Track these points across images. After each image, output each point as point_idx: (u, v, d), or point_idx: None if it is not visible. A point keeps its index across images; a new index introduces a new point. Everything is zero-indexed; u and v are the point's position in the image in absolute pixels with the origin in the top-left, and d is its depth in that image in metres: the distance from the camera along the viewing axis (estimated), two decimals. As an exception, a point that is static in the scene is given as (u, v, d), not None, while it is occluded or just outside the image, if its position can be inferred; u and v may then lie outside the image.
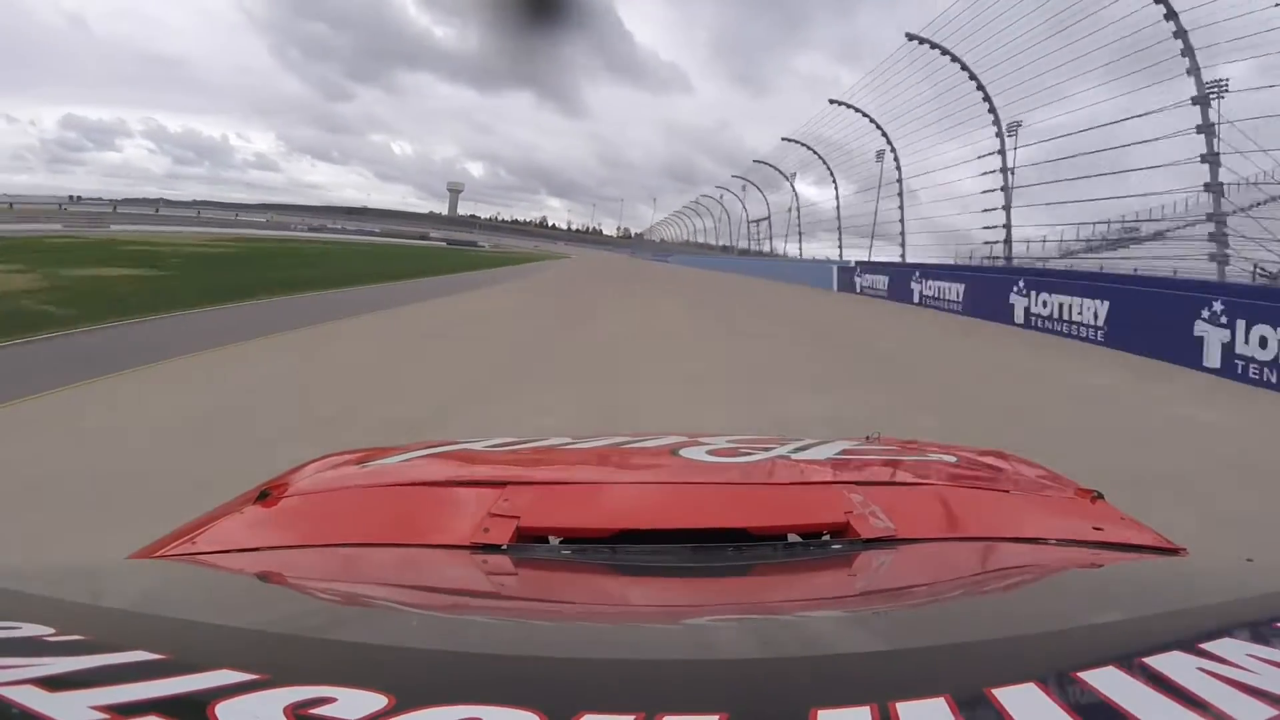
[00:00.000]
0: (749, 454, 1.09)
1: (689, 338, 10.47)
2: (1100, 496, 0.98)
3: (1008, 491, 1.01)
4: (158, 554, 0.77)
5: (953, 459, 1.15)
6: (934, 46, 16.77)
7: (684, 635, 0.54)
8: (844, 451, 1.14)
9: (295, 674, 0.38)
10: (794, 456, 1.10)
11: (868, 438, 1.29)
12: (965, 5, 15.14)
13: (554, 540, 0.79)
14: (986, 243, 17.23)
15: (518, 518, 0.79)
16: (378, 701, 0.35)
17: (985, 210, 16.92)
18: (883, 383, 7.11)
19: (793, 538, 0.80)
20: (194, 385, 5.88)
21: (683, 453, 1.11)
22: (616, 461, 1.14)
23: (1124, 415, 6.02)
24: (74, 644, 0.42)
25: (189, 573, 0.71)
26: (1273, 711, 0.35)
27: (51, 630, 0.43)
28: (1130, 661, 0.40)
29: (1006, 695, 0.36)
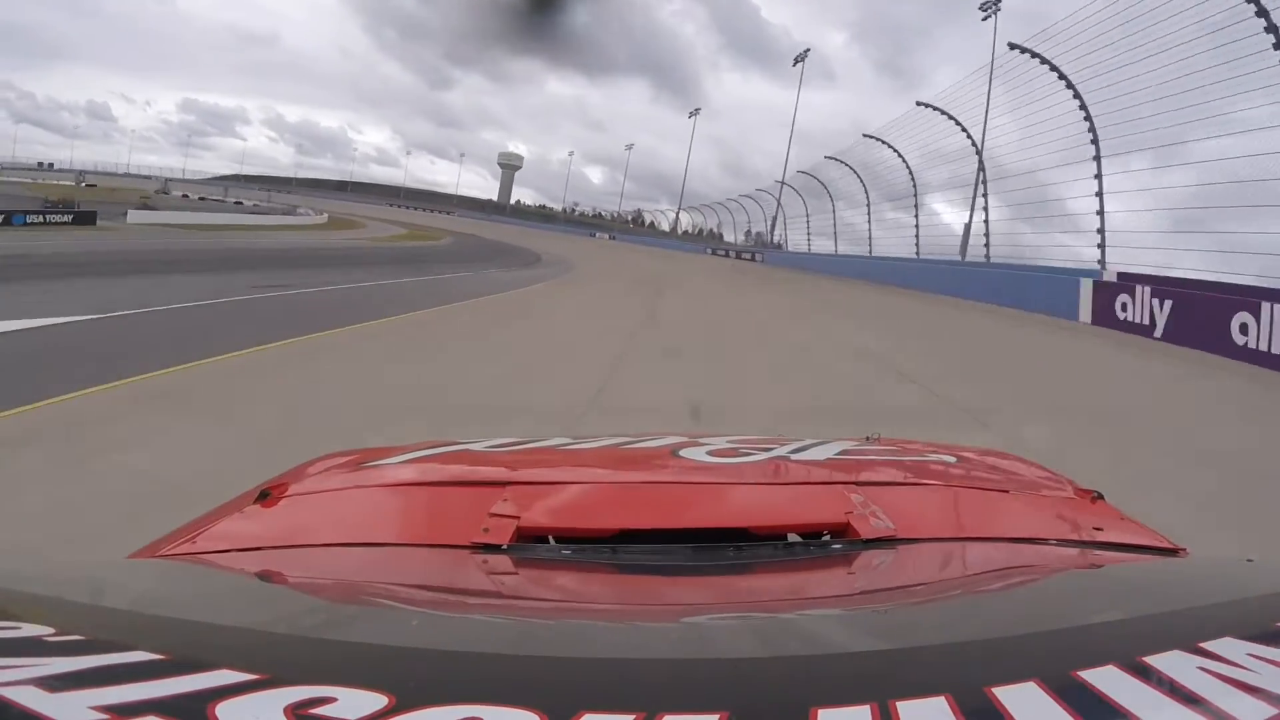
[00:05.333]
0: (749, 454, 1.09)
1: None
2: (1100, 497, 0.98)
3: (1007, 491, 1.01)
4: (158, 554, 0.77)
5: (952, 459, 1.14)
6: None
7: (684, 635, 0.54)
8: (844, 452, 1.14)
9: (295, 674, 0.37)
10: (794, 457, 1.10)
11: (868, 438, 1.29)
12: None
13: (554, 540, 0.79)
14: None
15: (518, 518, 0.79)
16: (378, 701, 0.34)
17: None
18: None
19: (793, 537, 0.80)
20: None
21: (683, 453, 1.10)
22: (616, 462, 1.14)
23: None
24: (74, 644, 0.41)
25: (189, 573, 0.71)
26: (1273, 711, 0.35)
27: (51, 630, 0.43)
28: (1130, 660, 0.40)
29: (1007, 694, 0.36)
